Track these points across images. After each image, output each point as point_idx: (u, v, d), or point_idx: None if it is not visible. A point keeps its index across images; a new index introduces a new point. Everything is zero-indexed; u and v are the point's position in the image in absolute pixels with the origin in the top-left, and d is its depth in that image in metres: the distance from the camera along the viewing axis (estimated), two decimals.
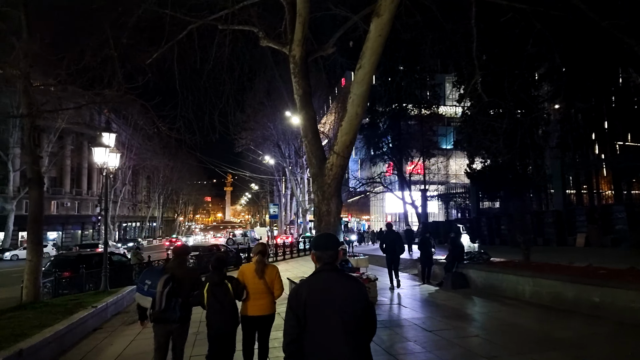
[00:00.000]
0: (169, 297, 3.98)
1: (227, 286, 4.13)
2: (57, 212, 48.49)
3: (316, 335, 2.25)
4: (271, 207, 29.67)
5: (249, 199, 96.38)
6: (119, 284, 12.96)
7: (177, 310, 4.06)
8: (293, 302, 2.33)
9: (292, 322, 2.29)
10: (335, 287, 2.32)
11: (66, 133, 44.58)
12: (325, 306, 2.27)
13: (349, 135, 8.77)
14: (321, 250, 2.45)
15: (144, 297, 4.11)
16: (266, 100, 36.51)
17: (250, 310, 4.22)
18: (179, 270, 4.26)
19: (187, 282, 4.23)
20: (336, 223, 9.17)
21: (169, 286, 4.00)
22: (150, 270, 4.52)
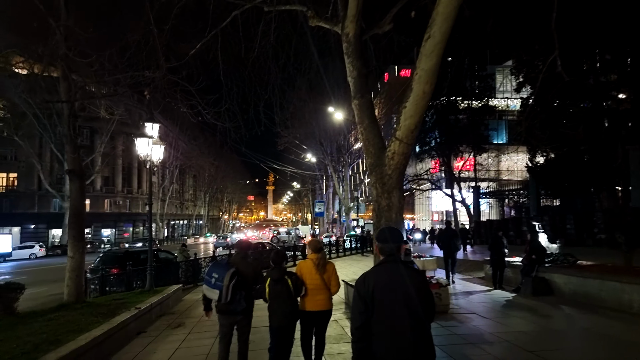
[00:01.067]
0: (234, 290, 4.17)
1: (287, 282, 4.24)
2: (111, 209, 50.37)
3: (383, 321, 2.43)
4: (317, 205, 28.81)
5: (290, 197, 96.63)
6: (165, 282, 12.55)
7: (242, 303, 4.28)
8: (361, 290, 2.52)
9: (361, 309, 2.48)
10: (399, 277, 2.50)
11: (117, 134, 46.09)
12: (391, 295, 2.45)
13: (414, 118, 7.66)
14: (384, 243, 2.62)
15: (211, 290, 4.28)
16: (308, 97, 35.80)
17: (308, 305, 4.33)
18: (242, 264, 4.45)
19: (249, 276, 4.41)
20: (398, 219, 8.09)
21: (234, 280, 4.18)
22: (217, 264, 4.62)
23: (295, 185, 74.98)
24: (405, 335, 2.40)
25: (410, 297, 2.44)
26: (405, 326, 2.40)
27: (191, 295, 11.70)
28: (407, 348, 2.40)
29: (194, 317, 8.23)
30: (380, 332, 2.45)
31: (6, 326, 5.82)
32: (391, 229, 2.84)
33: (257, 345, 5.16)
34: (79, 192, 7.67)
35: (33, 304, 11.26)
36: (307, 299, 4.33)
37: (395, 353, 2.42)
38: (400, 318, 2.42)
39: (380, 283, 2.50)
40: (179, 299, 10.50)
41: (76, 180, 7.62)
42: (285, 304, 4.22)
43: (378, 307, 2.45)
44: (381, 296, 2.46)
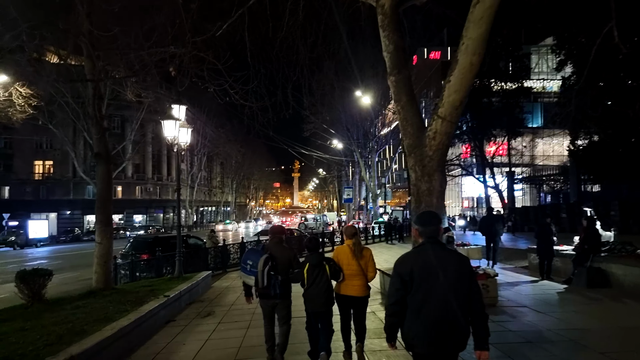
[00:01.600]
0: (269, 275, 4.24)
1: (324, 267, 4.32)
2: (142, 196, 51.45)
3: (419, 301, 2.53)
4: (345, 191, 28.24)
5: (316, 184, 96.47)
6: (194, 268, 12.40)
7: (277, 287, 4.31)
8: (400, 269, 2.64)
9: (398, 286, 2.61)
10: (439, 258, 2.58)
11: (146, 122, 46.61)
12: (429, 277, 2.53)
13: (459, 93, 6.99)
14: (424, 226, 2.71)
15: (247, 276, 4.39)
16: (335, 82, 35.01)
17: (345, 290, 4.37)
18: (276, 249, 4.49)
19: (284, 261, 4.44)
20: (439, 204, 7.49)
21: (268, 265, 4.25)
22: (251, 251, 4.72)
23: (321, 172, 74.73)
24: (439, 316, 2.47)
25: (449, 280, 2.51)
26: (440, 308, 2.48)
27: (220, 282, 11.49)
28: (440, 329, 2.48)
29: (224, 305, 7.93)
30: (416, 311, 2.54)
31: (33, 314, 5.64)
32: (430, 212, 3.00)
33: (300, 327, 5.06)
34: (106, 176, 7.43)
35: (65, 288, 11.31)
36: (343, 284, 4.37)
37: (428, 333, 2.50)
38: (437, 299, 2.48)
39: (419, 264, 2.58)
40: (208, 286, 10.27)
41: (103, 164, 7.36)
42: (322, 289, 4.29)
43: (415, 288, 2.54)
44: (420, 277, 2.54)
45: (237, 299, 8.47)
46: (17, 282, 6.17)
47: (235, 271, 13.77)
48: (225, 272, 13.66)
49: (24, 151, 44.94)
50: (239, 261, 15.05)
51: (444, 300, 2.48)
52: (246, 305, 7.61)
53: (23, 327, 4.91)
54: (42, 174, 46.43)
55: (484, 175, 34.72)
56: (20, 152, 44.94)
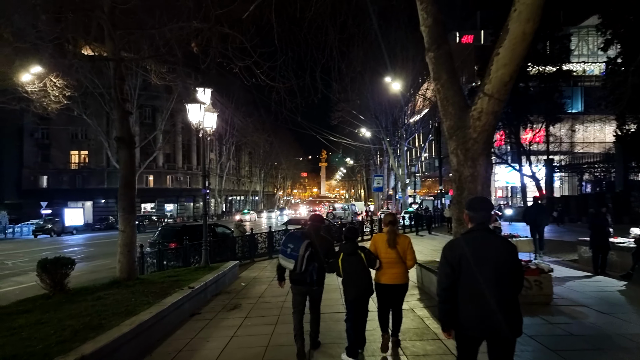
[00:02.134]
0: (308, 261, 4.29)
1: (360, 256, 4.28)
2: (172, 185, 52.33)
3: (470, 285, 2.57)
4: (375, 179, 27.41)
5: (343, 174, 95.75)
6: (222, 258, 12.17)
7: (314, 274, 4.37)
8: (449, 254, 2.69)
9: (447, 271, 2.66)
10: (488, 244, 2.63)
11: (176, 112, 47.23)
12: (480, 261, 2.57)
13: (509, 67, 6.24)
14: (474, 212, 2.73)
15: (287, 259, 4.39)
16: (365, 65, 34.06)
17: (383, 278, 4.35)
18: (315, 236, 4.50)
19: (322, 249, 4.48)
20: (484, 191, 6.80)
21: (309, 251, 4.29)
22: (292, 235, 4.68)
23: (348, 161, 73.99)
24: (490, 302, 2.49)
25: (498, 266, 2.55)
26: (491, 293, 2.50)
27: (248, 272, 11.18)
28: (491, 315, 2.50)
29: (251, 297, 7.56)
30: (466, 297, 2.58)
31: (53, 305, 5.41)
32: (481, 198, 3.03)
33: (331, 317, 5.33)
34: (129, 162, 7.13)
35: (95, 276, 11.31)
36: (382, 272, 4.35)
37: (479, 318, 2.53)
38: (487, 285, 2.51)
39: (468, 250, 2.61)
40: (236, 276, 9.97)
41: (126, 149, 7.07)
42: (359, 277, 4.27)
43: (465, 274, 2.59)
44: (468, 263, 2.58)
45: (265, 291, 8.09)
46: (38, 272, 5.98)
47: (263, 261, 13.49)
48: (253, 261, 13.39)
49: (61, 141, 46.38)
50: (267, 250, 14.85)
51: (494, 286, 2.51)
52: (274, 298, 7.27)
53: (40, 320, 4.65)
54: (78, 163, 47.84)
55: (520, 163, 33.19)
56: (57, 143, 46.41)
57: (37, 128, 45.08)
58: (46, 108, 22.83)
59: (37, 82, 22.05)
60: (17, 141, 45.70)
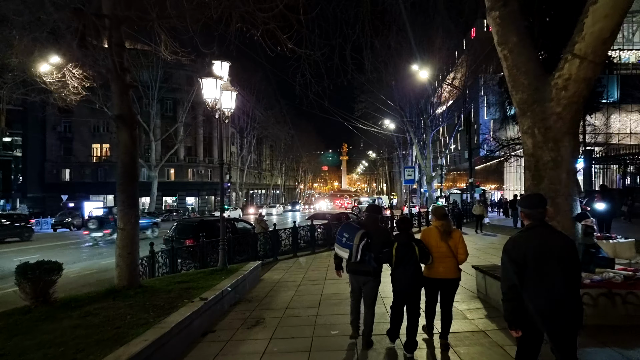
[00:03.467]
0: (363, 251, 4.22)
1: (413, 247, 4.20)
2: (194, 179, 51.86)
3: (537, 281, 2.62)
4: (406, 171, 25.69)
5: (365, 167, 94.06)
6: (242, 257, 11.01)
7: (371, 264, 4.31)
8: (512, 253, 2.74)
9: (514, 269, 2.69)
10: (550, 240, 2.70)
11: (197, 104, 46.55)
12: (545, 256, 2.64)
13: (612, 19, 4.82)
14: (531, 209, 2.80)
15: (342, 249, 4.35)
16: (387, 58, 32.62)
17: (433, 272, 4.25)
18: (371, 227, 4.45)
19: (378, 239, 4.38)
20: (570, 180, 5.38)
21: (364, 241, 4.22)
22: (348, 225, 4.51)
23: (370, 154, 72.36)
24: (558, 293, 2.58)
25: (563, 260, 2.63)
26: (558, 287, 2.59)
27: (271, 273, 9.96)
28: (561, 305, 2.57)
29: (276, 308, 6.31)
30: (532, 293, 2.63)
31: (26, 324, 4.29)
32: (537, 195, 3.08)
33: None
34: (130, 145, 5.90)
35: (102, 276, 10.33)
36: (432, 266, 4.26)
37: (546, 313, 2.58)
38: (554, 278, 2.60)
39: (531, 247, 2.68)
40: (257, 279, 8.76)
41: (126, 130, 5.84)
42: (410, 270, 4.21)
43: (530, 270, 2.65)
44: (533, 259, 2.64)
45: (292, 300, 6.83)
46: (17, 279, 4.87)
47: (287, 260, 12.28)
48: (276, 260, 12.20)
49: (83, 135, 46.40)
50: (291, 248, 13.66)
51: (560, 280, 2.59)
52: (304, 311, 6.02)
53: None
54: (100, 157, 47.84)
55: None
56: (79, 136, 46.44)
57: (59, 121, 45.18)
58: (65, 99, 22.16)
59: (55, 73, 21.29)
60: (40, 135, 45.93)
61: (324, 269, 10.07)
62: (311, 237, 13.83)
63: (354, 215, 19.26)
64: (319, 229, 14.48)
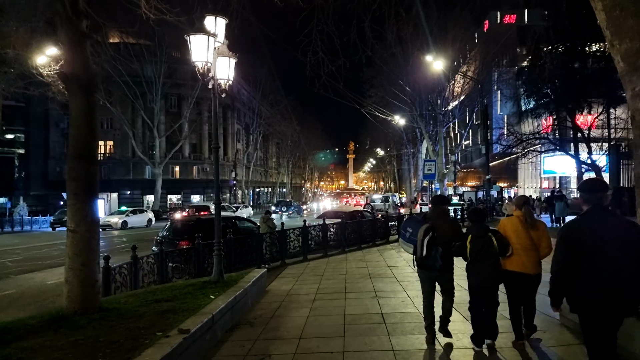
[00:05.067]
0: (429, 246, 4.01)
1: (490, 239, 3.95)
2: (199, 176, 50.55)
3: (595, 265, 2.60)
4: (425, 165, 23.92)
5: (372, 165, 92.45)
6: (245, 263, 9.50)
7: (438, 259, 4.07)
8: (566, 236, 2.75)
9: (565, 253, 2.72)
10: (608, 225, 2.66)
11: (202, 100, 45.32)
12: (603, 241, 2.60)
13: None
14: (589, 193, 2.77)
15: (406, 244, 4.25)
16: (398, 50, 31.13)
17: (513, 266, 3.95)
18: (439, 220, 4.23)
19: (447, 232, 4.17)
20: None
21: (428, 235, 4.00)
22: (412, 219, 4.39)
23: (378, 151, 70.84)
24: (617, 277, 2.53)
25: (622, 245, 2.57)
26: (617, 272, 2.53)
27: (279, 282, 8.41)
28: (613, 293, 2.54)
29: (287, 337, 4.75)
30: (587, 276, 2.62)
31: None
32: (595, 179, 3.14)
33: None
34: (86, 115, 4.22)
35: None
36: (512, 259, 3.94)
37: (601, 296, 2.56)
38: (609, 265, 2.55)
39: (588, 230, 2.66)
40: (262, 291, 7.23)
41: (80, 94, 4.20)
42: (488, 263, 3.91)
43: (588, 254, 2.62)
44: (590, 243, 2.61)
45: (307, 323, 5.27)
46: None
47: (297, 264, 10.75)
48: (284, 264, 10.68)
49: None
50: (300, 250, 12.14)
51: (616, 265, 2.54)
52: (325, 344, 4.37)
53: None
54: (103, 154, 46.69)
55: (577, 150, 29.22)
56: None
57: (62, 117, 44.08)
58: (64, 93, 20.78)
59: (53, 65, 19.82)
60: (43, 131, 44.86)
61: (341, 277, 8.51)
62: (323, 238, 12.28)
63: (368, 213, 17.65)
64: (332, 229, 12.93)
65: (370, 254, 12.01)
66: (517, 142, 30.43)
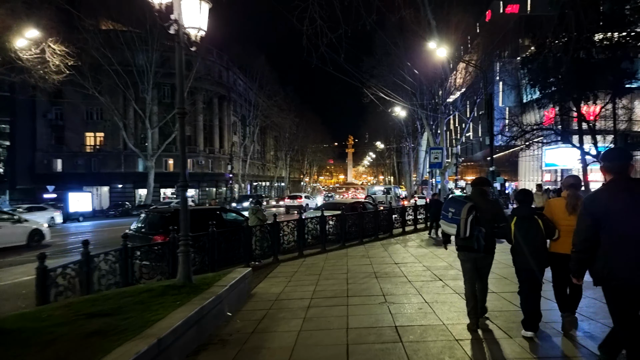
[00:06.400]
0: (472, 226, 3.95)
1: (536, 221, 3.86)
2: (193, 170, 49.10)
3: (622, 235, 2.50)
4: (432, 153, 22.36)
5: (372, 159, 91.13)
6: (230, 260, 8.21)
7: (481, 240, 4.01)
8: (592, 206, 2.69)
9: (588, 223, 2.66)
10: (633, 192, 2.55)
11: (197, 90, 43.81)
12: (626, 209, 2.51)
13: None
14: (612, 162, 2.70)
15: (449, 224, 4.12)
16: (399, 39, 29.92)
17: (561, 248, 3.80)
18: (480, 200, 4.18)
19: (488, 213, 4.10)
20: None
21: (472, 215, 3.94)
22: (453, 200, 4.16)
23: (378, 144, 69.55)
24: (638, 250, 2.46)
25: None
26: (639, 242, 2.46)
27: (268, 283, 7.11)
28: None
29: None
30: (613, 246, 2.53)
31: None
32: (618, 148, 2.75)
33: None
34: None
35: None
36: (559, 241, 3.84)
37: (629, 266, 2.47)
38: (635, 234, 2.46)
39: (612, 199, 2.59)
40: (245, 294, 5.93)
41: None
42: (534, 245, 3.83)
43: (613, 224, 2.54)
44: (615, 213, 2.54)
45: (298, 342, 3.97)
46: None
47: (291, 261, 9.47)
48: (277, 261, 9.40)
49: (75, 123, 43.64)
50: (295, 245, 10.83)
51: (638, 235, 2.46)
52: None
53: None
54: (94, 146, 45.14)
55: (582, 141, 27.95)
56: (71, 124, 43.68)
57: (50, 108, 42.50)
58: (46, 79, 19.18)
59: (33, 49, 18.16)
60: (30, 122, 43.21)
61: (341, 277, 7.22)
62: (321, 232, 10.98)
63: (369, 205, 16.36)
64: (331, 222, 11.64)
65: (373, 249, 10.73)
66: (521, 134, 29.17)
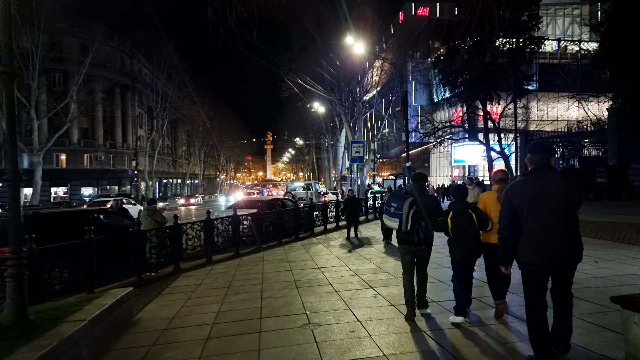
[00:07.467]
0: (413, 220, 4.11)
1: (470, 216, 4.09)
2: (91, 166, 43.84)
3: (536, 222, 2.71)
4: (354, 146, 21.68)
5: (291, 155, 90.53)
6: (117, 273, 6.50)
7: (421, 233, 4.17)
8: (510, 194, 2.85)
9: (508, 212, 2.83)
10: (551, 179, 2.76)
11: (94, 77, 38.86)
12: (543, 197, 2.72)
13: None
14: (533, 154, 2.87)
15: (391, 219, 4.23)
16: (317, 34, 29.47)
17: (493, 238, 3.79)
18: (419, 195, 4.34)
19: (427, 207, 4.30)
20: None
21: (413, 209, 4.11)
22: (395, 195, 4.38)
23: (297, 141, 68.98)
24: (560, 225, 2.68)
25: (561, 199, 2.70)
26: (560, 219, 2.68)
27: (159, 302, 5.56)
28: (558, 247, 2.67)
29: None
30: (532, 233, 2.72)
31: None
32: (541, 141, 3.07)
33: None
34: None
35: None
36: (492, 232, 3.99)
37: (545, 252, 2.67)
38: (554, 213, 2.68)
39: (530, 189, 2.77)
40: (122, 324, 4.37)
41: None
42: (469, 238, 4.07)
43: (530, 212, 2.72)
44: (533, 202, 2.72)
45: None
46: None
47: (197, 269, 7.94)
48: (179, 270, 7.84)
49: None
50: (202, 250, 9.21)
51: (557, 221, 2.66)
52: None
53: None
54: None
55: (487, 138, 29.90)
56: None
57: None
58: None
59: None
60: None
61: (255, 289, 5.94)
62: (234, 233, 9.57)
63: (289, 202, 15.20)
64: (245, 222, 10.27)
65: (293, 251, 9.59)
66: (433, 130, 30.22)
